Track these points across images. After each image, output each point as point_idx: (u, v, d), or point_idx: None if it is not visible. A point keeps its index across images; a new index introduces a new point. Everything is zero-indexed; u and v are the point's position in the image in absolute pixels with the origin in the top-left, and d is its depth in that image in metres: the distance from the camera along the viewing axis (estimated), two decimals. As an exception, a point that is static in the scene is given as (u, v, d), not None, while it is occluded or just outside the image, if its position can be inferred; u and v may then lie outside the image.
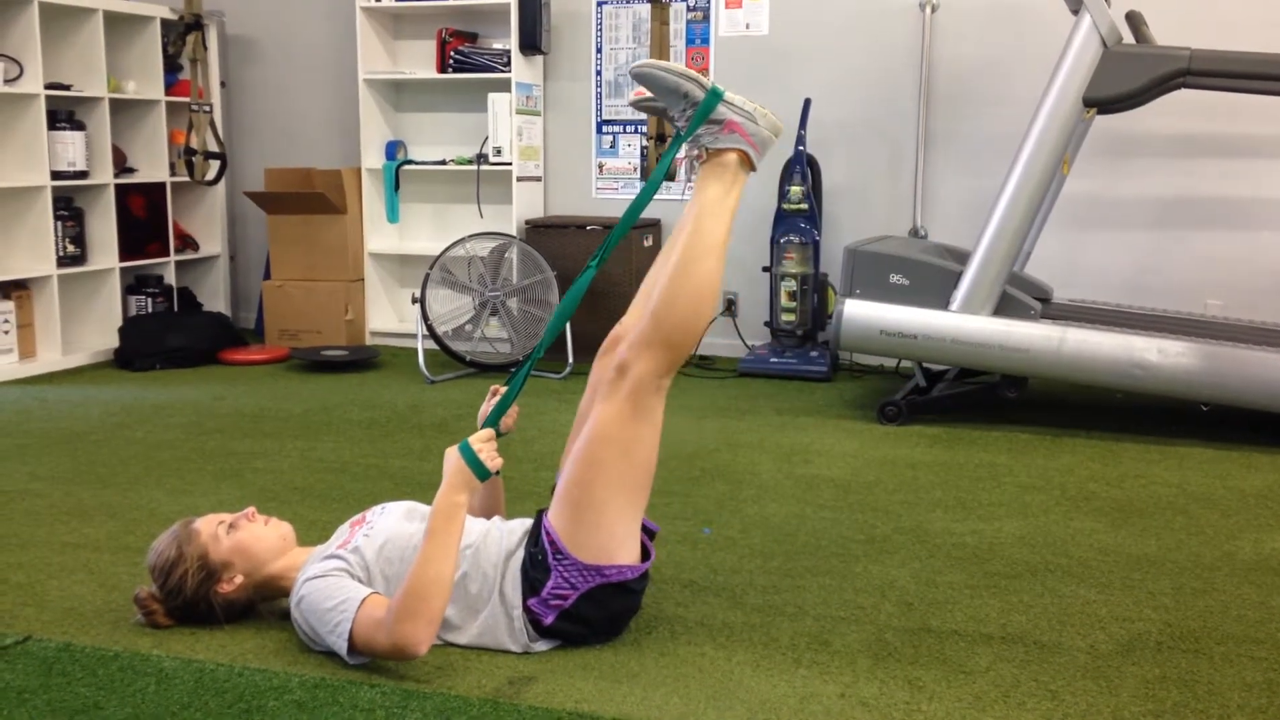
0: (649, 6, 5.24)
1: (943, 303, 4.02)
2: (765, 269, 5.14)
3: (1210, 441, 3.87)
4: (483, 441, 2.12)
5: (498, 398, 2.28)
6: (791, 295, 5.06)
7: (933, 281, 4.04)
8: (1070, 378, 3.97)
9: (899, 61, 5.13)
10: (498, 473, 2.17)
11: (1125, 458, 3.69)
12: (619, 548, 2.16)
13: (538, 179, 5.69)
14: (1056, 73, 3.91)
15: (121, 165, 5.54)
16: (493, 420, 2.21)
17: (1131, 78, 3.84)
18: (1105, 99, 3.88)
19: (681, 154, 2.25)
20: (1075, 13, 3.93)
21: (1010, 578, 2.63)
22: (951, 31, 5.06)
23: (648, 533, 2.27)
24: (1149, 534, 2.95)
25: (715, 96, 2.15)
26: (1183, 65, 3.80)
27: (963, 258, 4.16)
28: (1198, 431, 3.97)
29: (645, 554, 2.23)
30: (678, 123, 2.20)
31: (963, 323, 3.98)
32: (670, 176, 4.96)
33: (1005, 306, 3.99)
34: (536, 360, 2.23)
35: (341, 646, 2.08)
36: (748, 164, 2.18)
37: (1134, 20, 4.13)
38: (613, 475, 2.13)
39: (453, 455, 2.11)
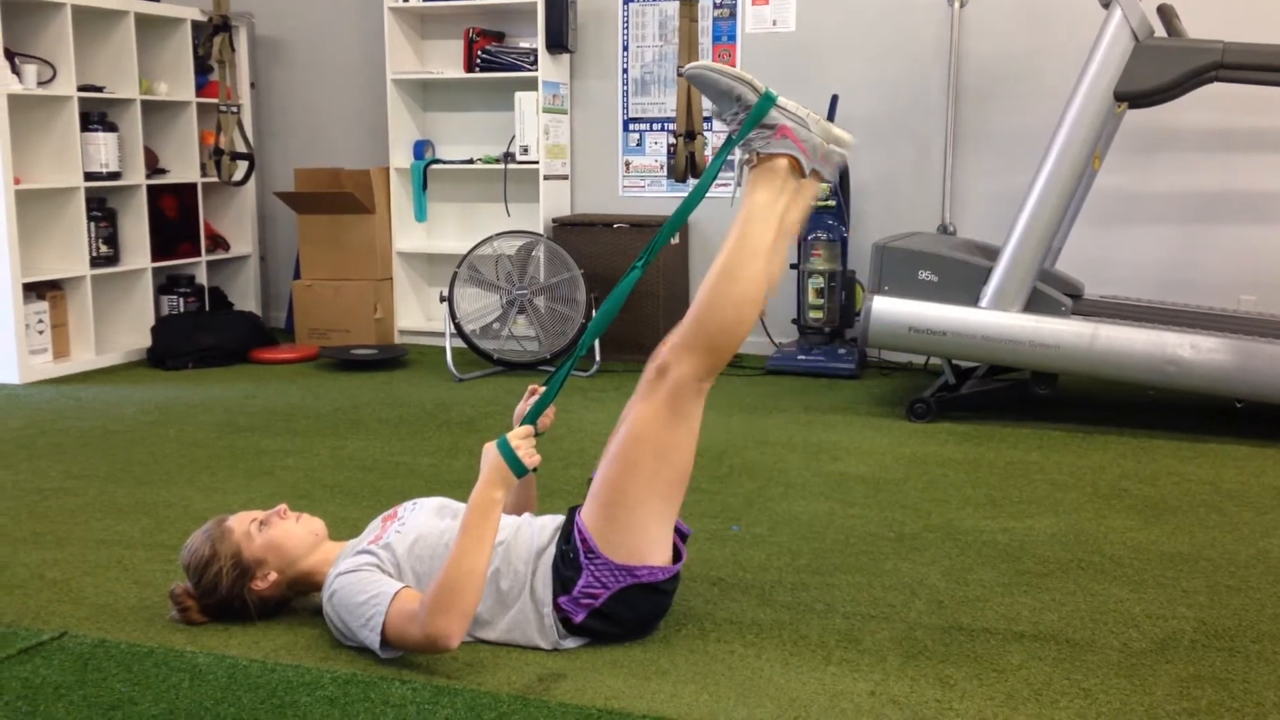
0: (675, 4, 5.23)
1: (972, 299, 4.00)
2: (792, 266, 5.12)
3: (1244, 438, 3.83)
4: (521, 438, 2.12)
5: (535, 396, 2.28)
6: (819, 292, 5.04)
7: (962, 278, 4.02)
8: (1102, 374, 3.94)
9: (927, 57, 5.11)
10: (535, 470, 2.17)
11: (1158, 455, 3.66)
12: (651, 548, 2.16)
13: (564, 177, 5.70)
14: (1087, 67, 3.88)
15: (153, 166, 5.59)
16: (531, 418, 2.21)
17: (1163, 71, 3.81)
18: (1137, 93, 3.85)
19: (733, 157, 2.22)
20: (1106, 6, 3.90)
21: (1042, 575, 2.62)
22: (980, 26, 5.02)
23: (680, 535, 2.27)
24: (1182, 531, 2.93)
25: (768, 101, 2.13)
26: (1215, 59, 3.77)
27: (992, 254, 4.13)
28: (1231, 428, 3.93)
29: (677, 555, 2.23)
30: (729, 126, 2.18)
31: (993, 319, 3.96)
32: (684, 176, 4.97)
33: (1035, 303, 3.96)
34: (577, 359, 2.23)
35: (374, 640, 2.10)
36: (798, 170, 2.16)
37: (1165, 13, 4.09)
38: (647, 476, 2.13)
39: (491, 451, 2.12)
